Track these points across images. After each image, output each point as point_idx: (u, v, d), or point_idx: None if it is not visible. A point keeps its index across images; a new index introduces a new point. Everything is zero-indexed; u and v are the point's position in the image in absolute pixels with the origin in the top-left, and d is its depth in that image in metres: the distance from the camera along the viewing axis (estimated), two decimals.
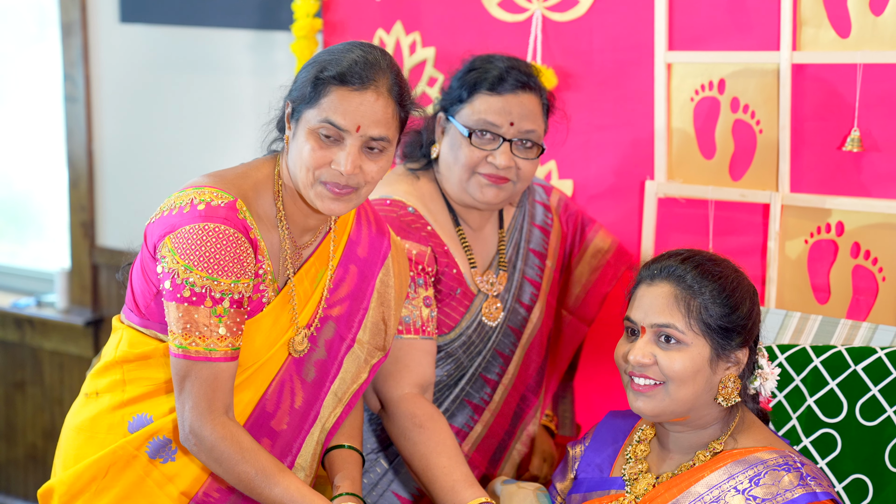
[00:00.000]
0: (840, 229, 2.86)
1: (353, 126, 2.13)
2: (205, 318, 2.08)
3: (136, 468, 2.20)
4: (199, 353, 2.09)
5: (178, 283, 2.07)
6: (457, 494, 2.34)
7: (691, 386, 2.11)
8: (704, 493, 2.10)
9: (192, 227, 2.08)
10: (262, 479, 2.13)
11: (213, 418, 2.12)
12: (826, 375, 2.51)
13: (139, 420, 2.21)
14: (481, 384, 2.73)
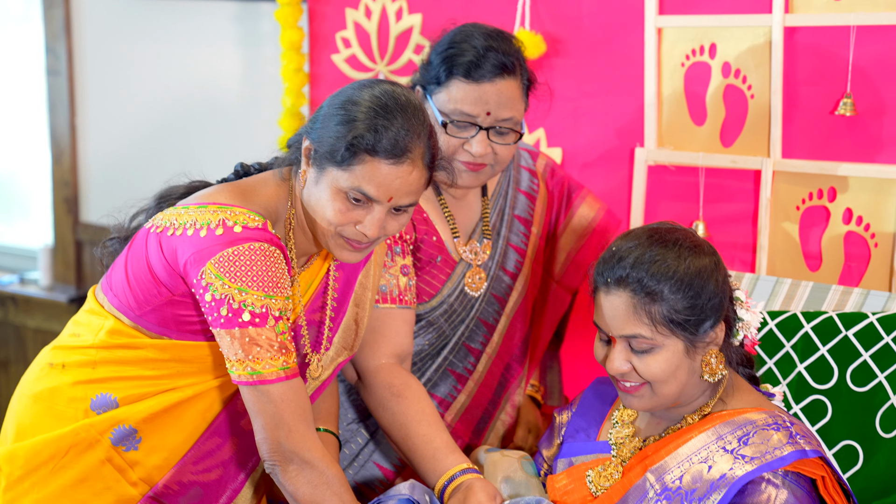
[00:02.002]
0: (832, 195, 2.81)
1: (385, 198, 2.10)
2: (270, 337, 2.04)
3: (98, 452, 2.16)
4: (279, 374, 2.05)
5: (236, 308, 2.02)
6: (438, 462, 2.30)
7: (674, 381, 2.07)
8: (692, 453, 2.06)
9: (236, 249, 2.04)
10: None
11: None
12: (817, 341, 2.47)
13: (102, 399, 2.16)
14: (465, 353, 2.69)
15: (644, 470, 2.11)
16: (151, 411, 2.16)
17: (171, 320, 2.13)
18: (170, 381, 2.17)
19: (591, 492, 2.18)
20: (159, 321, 2.14)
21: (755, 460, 2.00)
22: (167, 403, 2.17)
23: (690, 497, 2.02)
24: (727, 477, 2.00)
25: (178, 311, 2.12)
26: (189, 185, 2.29)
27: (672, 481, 2.05)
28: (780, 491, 1.98)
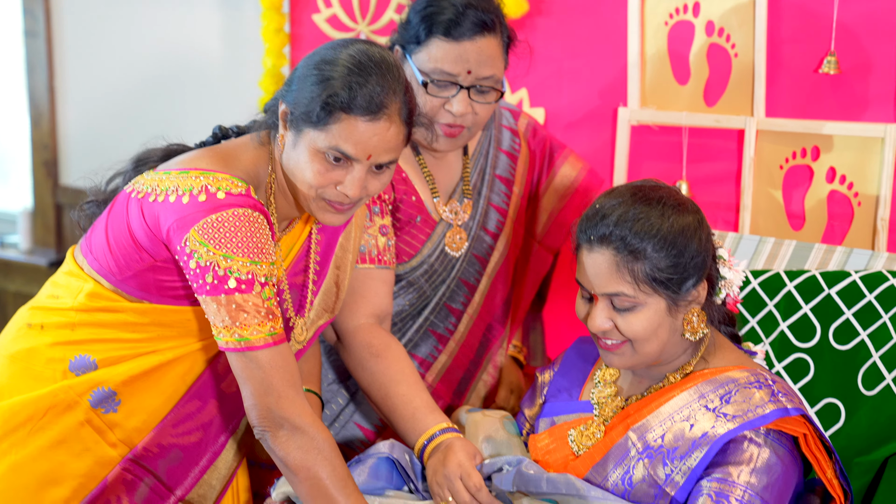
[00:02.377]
0: (816, 154, 2.80)
1: (363, 155, 2.08)
2: (257, 303, 2.02)
3: (77, 413, 2.14)
4: (266, 340, 2.04)
5: (221, 275, 2.00)
6: (418, 422, 2.30)
7: (655, 340, 2.06)
8: (674, 412, 2.06)
9: (220, 216, 2.02)
10: (338, 482, 2.08)
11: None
12: (800, 300, 2.47)
13: (81, 360, 2.15)
14: (445, 314, 2.68)
15: (626, 429, 2.10)
16: (131, 374, 2.14)
17: (153, 285, 2.12)
18: (150, 345, 2.16)
19: (574, 451, 2.18)
20: (140, 286, 2.12)
21: (737, 418, 2.00)
22: (147, 366, 2.15)
23: (672, 455, 2.02)
24: (709, 435, 2.00)
25: (159, 276, 2.11)
26: (167, 149, 2.27)
27: (654, 440, 2.05)
28: (762, 450, 1.98)
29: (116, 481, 2.16)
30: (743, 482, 1.95)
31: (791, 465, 2.01)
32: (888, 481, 2.25)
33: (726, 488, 1.95)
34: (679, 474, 2.01)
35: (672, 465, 2.02)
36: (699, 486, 1.98)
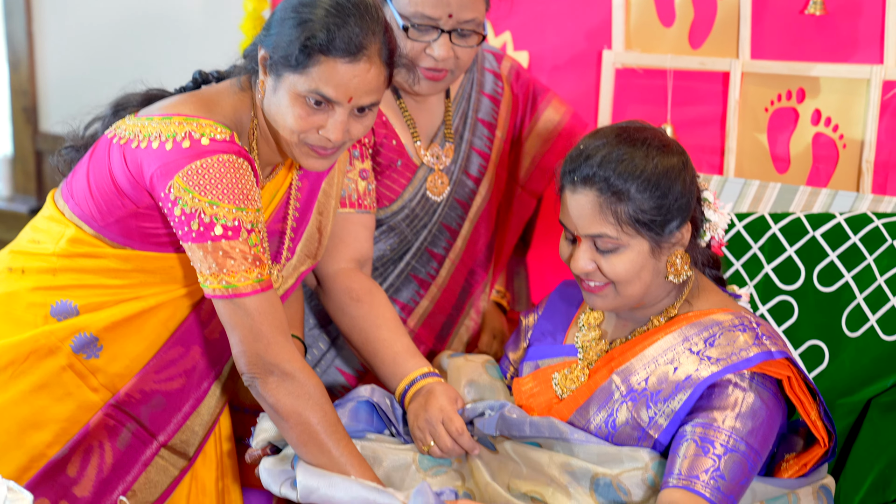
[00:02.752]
0: (801, 96, 2.79)
1: (344, 98, 2.05)
2: (244, 249, 2.01)
3: (59, 358, 2.14)
4: (254, 287, 2.03)
5: (207, 222, 1.99)
6: (398, 366, 2.29)
7: (638, 282, 2.05)
8: (658, 355, 2.06)
9: (205, 162, 2.00)
10: (328, 427, 2.08)
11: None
12: (784, 242, 2.46)
13: (62, 305, 2.13)
14: (427, 259, 2.67)
15: (610, 372, 2.10)
16: (113, 320, 2.13)
17: (136, 232, 2.10)
18: (132, 291, 2.14)
19: (557, 394, 2.18)
20: (123, 232, 2.10)
21: (721, 361, 2.00)
22: (129, 312, 2.14)
23: (656, 398, 2.02)
24: (692, 378, 2.00)
25: (142, 223, 2.09)
26: (147, 94, 2.24)
27: (637, 383, 2.05)
28: (746, 394, 1.98)
29: (99, 427, 2.16)
30: (728, 427, 1.95)
31: (775, 408, 2.02)
32: (871, 422, 2.26)
33: (711, 434, 1.95)
34: (662, 417, 2.02)
35: (656, 408, 2.02)
36: (683, 431, 1.98)
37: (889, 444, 2.23)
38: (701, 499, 1.89)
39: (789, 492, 2.06)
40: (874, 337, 2.31)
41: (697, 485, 1.90)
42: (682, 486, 1.91)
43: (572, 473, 2.05)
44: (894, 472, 2.22)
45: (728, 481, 1.92)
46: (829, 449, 2.08)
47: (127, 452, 2.20)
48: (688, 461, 1.93)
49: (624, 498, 2.01)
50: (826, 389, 2.31)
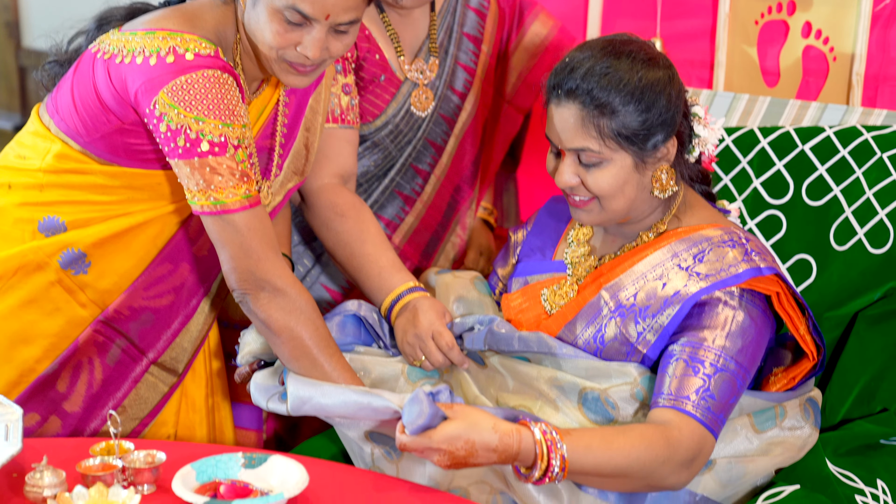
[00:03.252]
0: (791, 8, 2.76)
1: (321, 15, 2.01)
2: (231, 165, 1.99)
3: (47, 274, 2.14)
4: (242, 203, 2.02)
5: (194, 138, 1.97)
6: (384, 280, 2.30)
7: (622, 196, 2.05)
8: (647, 271, 2.06)
9: (189, 77, 1.97)
10: (320, 342, 2.09)
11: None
12: (773, 156, 2.46)
13: (49, 221, 2.13)
14: (412, 175, 2.66)
15: (599, 288, 2.11)
16: (100, 236, 2.13)
17: (122, 148, 2.09)
18: (120, 207, 2.14)
19: (546, 310, 2.19)
20: (109, 149, 2.09)
21: (710, 277, 2.00)
22: (117, 229, 2.14)
23: (644, 314, 2.03)
24: (681, 293, 2.01)
25: (128, 139, 2.07)
26: (130, 7, 2.21)
27: (626, 298, 2.06)
28: (736, 312, 1.99)
29: (88, 342, 2.17)
30: (717, 346, 1.96)
31: (764, 324, 2.03)
32: (857, 335, 2.28)
33: (701, 353, 1.96)
34: (651, 332, 2.03)
35: (644, 324, 2.03)
36: (671, 350, 1.99)
37: (875, 356, 2.25)
38: (691, 419, 1.91)
39: (776, 404, 2.08)
40: (862, 250, 2.32)
41: (687, 405, 1.92)
42: (671, 406, 1.93)
43: (560, 388, 2.06)
44: (879, 384, 2.24)
45: (717, 400, 1.93)
46: (818, 363, 2.10)
47: (116, 369, 2.22)
48: (677, 381, 1.95)
49: (612, 412, 2.03)
50: (814, 303, 2.32)
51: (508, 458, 1.83)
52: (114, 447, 1.86)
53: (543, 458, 1.83)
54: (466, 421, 1.82)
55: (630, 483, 1.91)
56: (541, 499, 1.94)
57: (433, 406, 1.81)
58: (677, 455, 1.89)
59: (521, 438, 1.83)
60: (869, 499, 2.06)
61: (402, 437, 1.82)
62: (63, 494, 1.71)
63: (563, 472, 1.84)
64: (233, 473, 1.83)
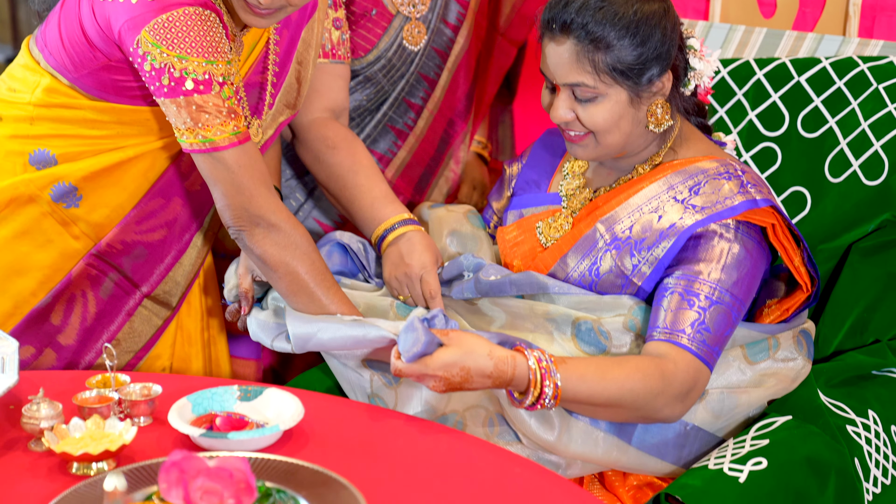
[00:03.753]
0: None
1: None
2: (217, 103, 1.97)
3: (39, 206, 2.13)
4: (230, 140, 2.00)
5: (178, 77, 1.95)
6: (377, 211, 2.29)
7: (617, 131, 2.04)
8: (642, 203, 2.06)
9: (171, 15, 1.94)
10: (317, 276, 2.09)
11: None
12: (769, 88, 2.45)
13: (40, 154, 2.12)
14: (405, 109, 2.64)
15: (594, 221, 2.11)
16: (91, 170, 2.12)
17: (110, 85, 2.07)
18: (111, 142, 2.13)
19: (541, 242, 2.19)
20: (97, 85, 2.07)
21: (705, 210, 2.00)
22: (108, 163, 2.13)
23: (640, 246, 2.04)
24: (677, 226, 2.01)
25: (115, 76, 2.06)
26: None
27: (622, 231, 2.06)
28: (731, 245, 1.99)
29: (81, 276, 2.18)
30: (713, 280, 1.97)
31: (759, 256, 2.03)
32: (851, 266, 2.28)
33: (696, 286, 1.97)
34: (646, 265, 2.03)
35: (639, 256, 2.04)
36: (666, 283, 2.00)
37: (868, 287, 2.26)
38: (686, 352, 1.92)
39: (770, 336, 2.09)
40: (856, 182, 2.32)
41: (683, 338, 1.93)
42: (666, 340, 1.94)
43: (553, 321, 2.07)
44: (872, 315, 2.25)
45: (713, 333, 1.94)
46: (812, 294, 2.10)
47: (110, 302, 2.22)
48: (672, 314, 1.95)
49: (605, 342, 2.04)
50: (808, 235, 2.32)
51: (503, 383, 1.85)
52: (110, 380, 1.87)
53: (536, 385, 1.85)
54: (462, 348, 1.83)
55: (623, 413, 1.93)
56: (532, 424, 1.96)
57: (428, 333, 1.82)
58: (672, 388, 1.90)
59: (515, 365, 1.84)
60: (860, 429, 2.08)
61: (397, 363, 1.84)
62: (60, 426, 1.72)
63: (556, 399, 1.86)
64: (228, 406, 1.84)
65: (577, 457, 1.98)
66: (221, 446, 1.71)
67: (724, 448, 1.97)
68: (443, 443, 1.79)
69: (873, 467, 2.06)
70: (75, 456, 1.64)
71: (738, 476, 1.85)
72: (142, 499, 1.52)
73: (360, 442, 1.77)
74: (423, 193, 2.74)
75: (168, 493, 1.44)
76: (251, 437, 1.71)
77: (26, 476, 1.66)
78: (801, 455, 1.94)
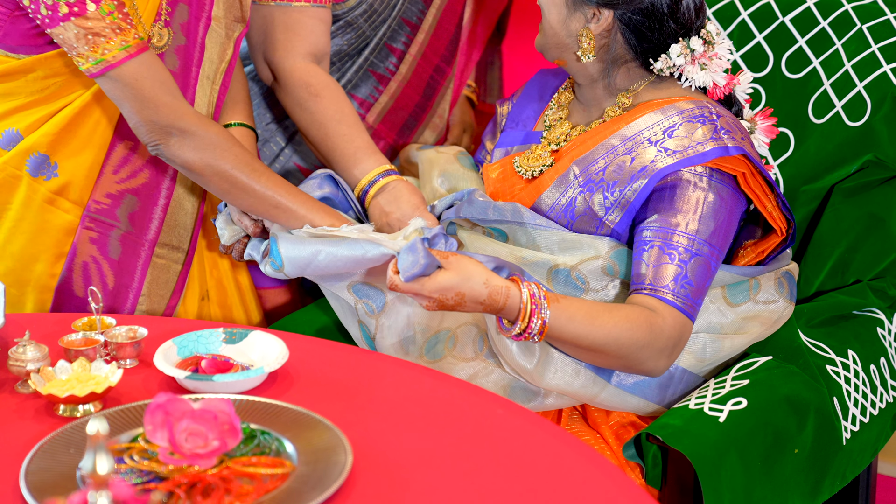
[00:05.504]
0: None
1: None
2: (98, 21, 1.95)
3: (23, 189, 2.12)
4: (121, 55, 1.98)
5: (51, 4, 1.93)
6: (360, 161, 2.29)
7: (549, 17, 2.09)
8: (618, 144, 2.07)
9: None
10: (244, 167, 2.09)
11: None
12: (753, 28, 2.44)
13: (8, 135, 2.11)
14: (386, 53, 2.61)
15: (570, 161, 2.11)
16: (53, 132, 2.11)
17: (24, 36, 2.05)
18: (58, 101, 2.11)
19: (521, 175, 2.20)
20: (17, 41, 2.05)
21: (677, 154, 2.00)
22: (65, 121, 2.11)
23: (612, 188, 2.04)
24: (648, 169, 2.01)
25: (25, 25, 2.04)
26: None
27: (595, 172, 2.07)
28: (707, 193, 2.00)
29: (83, 241, 2.18)
30: (691, 231, 1.98)
31: (734, 203, 2.04)
32: (833, 207, 2.29)
33: (675, 239, 1.97)
34: (618, 207, 2.04)
35: (612, 198, 2.04)
36: (644, 236, 2.00)
37: (850, 228, 2.27)
38: (671, 307, 1.94)
39: (750, 278, 2.10)
40: (839, 123, 2.33)
41: (667, 294, 1.94)
42: (651, 294, 1.95)
43: (530, 266, 2.08)
44: (853, 256, 2.27)
45: (695, 286, 1.96)
46: (787, 237, 2.12)
47: (122, 261, 2.22)
48: (653, 269, 1.97)
49: (582, 286, 2.05)
50: (790, 176, 2.33)
51: (493, 311, 1.89)
52: (96, 322, 1.88)
53: (524, 319, 1.87)
54: (460, 274, 1.86)
55: (605, 360, 1.95)
56: (514, 349, 1.99)
57: (429, 256, 1.85)
58: (658, 342, 1.92)
59: (508, 295, 1.87)
60: (839, 368, 2.10)
61: (394, 279, 1.87)
62: (46, 368, 1.73)
63: (541, 335, 1.89)
64: (213, 348, 1.85)
65: (554, 388, 2.01)
66: (206, 388, 1.73)
67: (704, 388, 1.99)
68: (426, 385, 1.81)
69: (852, 406, 2.09)
70: (61, 398, 1.66)
71: (719, 416, 1.88)
72: (127, 440, 1.54)
73: (345, 384, 1.79)
74: (408, 139, 2.72)
75: (153, 435, 1.45)
76: (236, 379, 1.73)
77: (13, 417, 1.68)
78: (780, 394, 1.97)
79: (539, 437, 1.65)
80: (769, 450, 1.92)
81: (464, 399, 1.76)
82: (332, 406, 1.69)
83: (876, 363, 2.18)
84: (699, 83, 2.10)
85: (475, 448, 1.60)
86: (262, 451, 1.54)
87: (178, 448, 1.44)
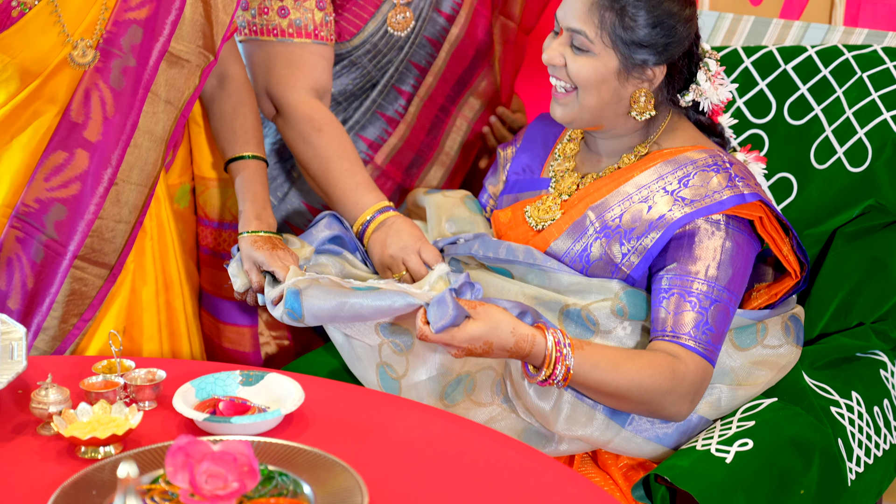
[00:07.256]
0: None
1: None
2: None
3: None
4: None
5: None
6: (360, 196, 2.33)
7: (596, 95, 2.08)
8: (633, 192, 2.10)
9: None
10: None
11: None
12: (756, 76, 2.49)
13: None
14: (395, 96, 2.64)
15: (585, 207, 2.15)
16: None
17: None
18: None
19: (531, 225, 2.23)
20: None
21: (694, 203, 2.04)
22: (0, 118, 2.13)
23: (629, 235, 2.07)
24: (665, 218, 2.05)
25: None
26: None
27: (612, 219, 2.10)
28: (725, 241, 2.03)
29: (9, 239, 2.18)
30: (710, 277, 2.01)
31: (750, 248, 2.08)
32: (835, 251, 2.32)
33: (695, 287, 2.00)
34: (635, 254, 2.07)
35: (629, 245, 2.08)
36: (663, 284, 2.03)
37: (852, 271, 2.30)
38: (694, 353, 1.97)
39: (757, 322, 2.13)
40: (841, 168, 2.36)
41: (689, 340, 1.98)
42: (672, 341, 1.99)
43: (542, 305, 2.11)
44: (856, 299, 2.30)
45: (716, 332, 1.99)
46: (801, 279, 2.15)
47: (44, 265, 2.20)
48: (673, 316, 2.00)
49: (592, 328, 2.09)
50: (794, 220, 2.36)
51: (519, 357, 1.93)
52: (115, 365, 1.91)
53: (549, 366, 1.91)
54: (488, 324, 1.90)
55: (629, 405, 1.98)
56: (532, 392, 2.02)
57: (458, 307, 1.88)
58: (681, 388, 1.95)
59: (534, 343, 1.91)
60: (844, 410, 2.12)
61: (424, 329, 1.90)
62: (68, 411, 1.75)
63: (565, 381, 1.93)
64: (231, 391, 1.88)
65: (569, 432, 2.03)
66: (224, 430, 1.75)
67: (711, 429, 2.02)
68: (441, 427, 1.83)
69: (856, 447, 2.11)
70: (83, 440, 1.68)
71: (726, 456, 1.90)
72: (148, 482, 1.56)
73: (360, 426, 1.81)
74: (415, 178, 2.74)
75: (174, 477, 1.47)
76: (253, 421, 1.75)
77: (35, 459, 1.70)
78: (786, 436, 1.99)
79: (551, 479, 1.67)
80: (775, 490, 1.94)
81: (478, 441, 1.79)
82: (348, 447, 1.71)
83: (879, 405, 2.21)
84: (716, 100, 2.15)
85: (489, 490, 1.63)
86: (280, 493, 1.56)
87: (198, 490, 1.47)
